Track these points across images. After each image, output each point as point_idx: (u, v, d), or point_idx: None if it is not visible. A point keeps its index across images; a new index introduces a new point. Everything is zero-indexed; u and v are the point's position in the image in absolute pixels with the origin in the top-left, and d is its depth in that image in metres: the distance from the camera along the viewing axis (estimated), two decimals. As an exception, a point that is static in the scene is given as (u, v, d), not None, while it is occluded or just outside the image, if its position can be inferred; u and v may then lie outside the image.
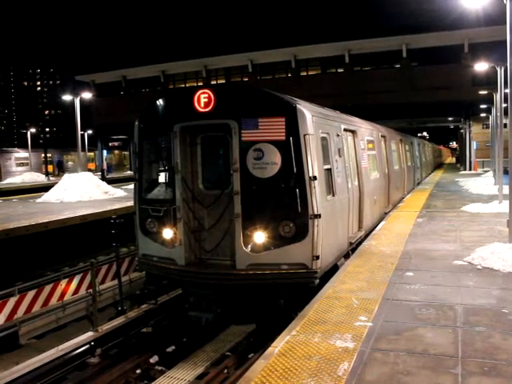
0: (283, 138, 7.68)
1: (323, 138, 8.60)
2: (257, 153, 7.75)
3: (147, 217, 8.80)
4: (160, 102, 8.84)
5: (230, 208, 8.04)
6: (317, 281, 7.71)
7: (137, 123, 9.06)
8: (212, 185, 8.57)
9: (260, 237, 7.72)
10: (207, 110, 8.05)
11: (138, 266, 9.86)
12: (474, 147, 39.90)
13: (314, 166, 7.68)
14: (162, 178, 8.95)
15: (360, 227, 10.90)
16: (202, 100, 8.06)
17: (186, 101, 8.26)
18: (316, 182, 7.64)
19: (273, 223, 7.70)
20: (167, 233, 8.43)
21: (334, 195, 8.71)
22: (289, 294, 7.92)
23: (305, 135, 7.64)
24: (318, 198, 7.64)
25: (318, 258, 7.62)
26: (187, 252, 8.33)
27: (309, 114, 7.90)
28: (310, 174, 7.60)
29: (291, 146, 7.63)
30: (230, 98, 8.22)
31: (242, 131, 7.80)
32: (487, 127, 37.91)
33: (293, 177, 7.67)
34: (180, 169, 8.32)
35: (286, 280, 7.79)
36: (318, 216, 7.59)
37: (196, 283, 8.24)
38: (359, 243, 10.57)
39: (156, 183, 9.03)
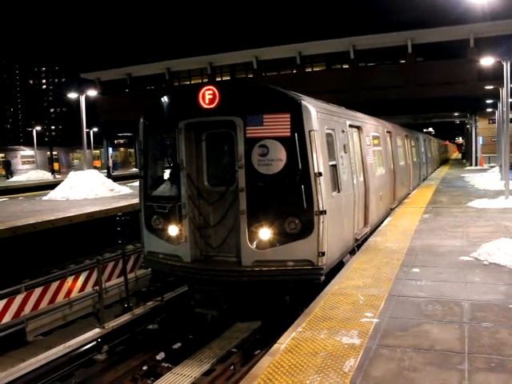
0: (288, 134, 7.66)
1: (328, 134, 8.57)
2: (262, 149, 7.74)
3: (152, 214, 8.81)
4: (165, 98, 8.84)
5: (235, 205, 8.03)
6: (322, 277, 7.70)
7: (142, 120, 9.06)
8: (217, 181, 8.57)
9: (265, 233, 7.71)
10: (212, 106, 8.05)
11: (144, 263, 9.89)
12: (480, 142, 39.66)
13: (319, 162, 7.65)
14: (167, 174, 8.97)
15: (366, 223, 10.87)
16: (207, 97, 8.06)
17: (190, 97, 8.25)
18: (321, 178, 7.62)
19: (278, 220, 7.69)
20: (173, 230, 8.44)
21: (339, 191, 8.69)
22: (295, 290, 7.90)
23: (310, 131, 7.62)
24: (323, 194, 7.62)
25: (323, 254, 7.61)
26: (193, 249, 8.34)
27: (314, 109, 7.87)
28: (316, 171, 7.57)
29: (296, 143, 7.61)
30: (234, 95, 8.20)
31: (247, 128, 7.79)
32: (493, 122, 37.68)
33: (298, 173, 7.65)
34: (185, 166, 8.32)
35: (291, 276, 7.79)
36: (324, 212, 7.57)
37: (202, 280, 8.24)
38: (365, 239, 10.54)
39: (161, 180, 9.04)
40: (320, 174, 7.60)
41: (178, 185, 8.42)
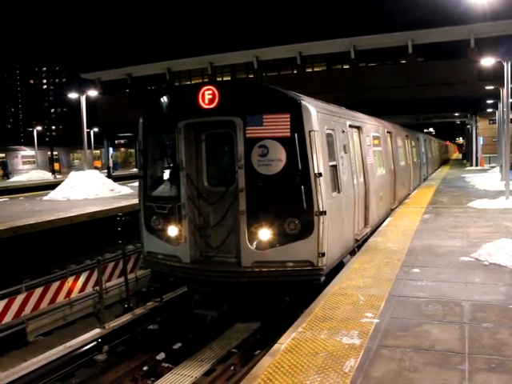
0: (288, 134, 7.65)
1: (328, 135, 8.56)
2: (262, 149, 7.73)
3: (152, 214, 8.80)
4: (164, 98, 8.83)
5: (235, 205, 8.02)
6: (323, 278, 7.68)
7: (141, 120, 9.05)
8: (217, 182, 8.56)
9: (265, 234, 7.70)
10: (212, 106, 8.04)
11: (144, 263, 9.88)
12: (481, 143, 39.64)
13: (319, 162, 7.64)
14: (166, 175, 8.96)
15: (366, 224, 10.86)
16: (207, 97, 8.05)
17: (190, 97, 8.25)
18: (321, 178, 7.60)
19: (278, 220, 7.68)
20: (172, 230, 8.43)
21: (339, 192, 8.68)
22: (294, 291, 7.90)
23: (310, 131, 7.61)
24: (323, 194, 7.61)
25: (323, 255, 7.60)
26: (192, 249, 8.33)
27: (314, 110, 7.86)
28: (316, 171, 7.56)
29: (296, 143, 7.60)
30: (234, 95, 8.20)
31: (247, 128, 7.78)
32: (494, 122, 37.67)
33: (298, 174, 7.64)
34: (185, 166, 8.31)
35: (291, 277, 7.77)
36: (324, 213, 7.56)
37: (201, 281, 8.24)
38: (365, 240, 10.54)
39: (161, 180, 9.03)
40: (320, 174, 7.59)
41: (178, 185, 8.41)
